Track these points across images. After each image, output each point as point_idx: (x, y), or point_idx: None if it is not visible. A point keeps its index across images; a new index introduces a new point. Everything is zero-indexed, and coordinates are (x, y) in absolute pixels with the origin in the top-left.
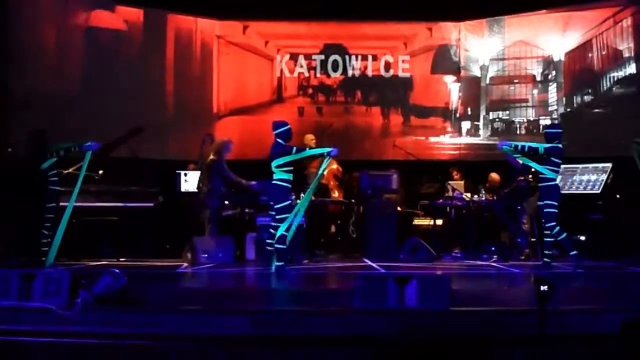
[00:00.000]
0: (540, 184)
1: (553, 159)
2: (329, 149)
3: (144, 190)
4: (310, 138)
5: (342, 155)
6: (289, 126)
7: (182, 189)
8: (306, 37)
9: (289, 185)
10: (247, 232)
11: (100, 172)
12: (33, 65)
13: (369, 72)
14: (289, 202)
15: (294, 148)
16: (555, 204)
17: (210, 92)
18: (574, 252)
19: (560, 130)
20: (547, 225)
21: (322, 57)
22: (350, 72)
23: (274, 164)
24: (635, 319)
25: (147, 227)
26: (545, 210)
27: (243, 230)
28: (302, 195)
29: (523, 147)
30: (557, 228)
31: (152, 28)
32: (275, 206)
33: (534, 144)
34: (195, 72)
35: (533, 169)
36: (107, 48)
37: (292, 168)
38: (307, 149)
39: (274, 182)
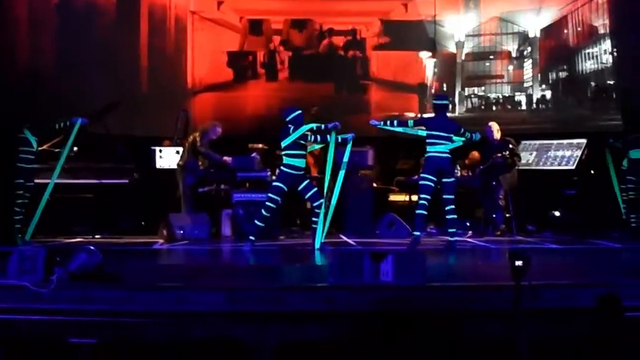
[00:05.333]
0: None
1: (429, 132)
2: (330, 124)
3: (119, 167)
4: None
5: None
6: (300, 111)
7: (158, 166)
8: (281, 12)
9: (293, 172)
10: (223, 208)
11: (75, 149)
12: (4, 40)
13: (344, 49)
14: (282, 185)
15: (292, 127)
16: (426, 176)
17: (184, 68)
18: (418, 233)
19: (443, 102)
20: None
21: (297, 32)
22: (325, 49)
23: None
24: (609, 294)
25: (123, 204)
26: (418, 182)
27: (219, 206)
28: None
29: (392, 122)
30: (423, 202)
31: (125, 3)
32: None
33: (404, 121)
34: (169, 48)
35: (511, 145)
36: (80, 24)
37: (301, 152)
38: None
39: (281, 167)
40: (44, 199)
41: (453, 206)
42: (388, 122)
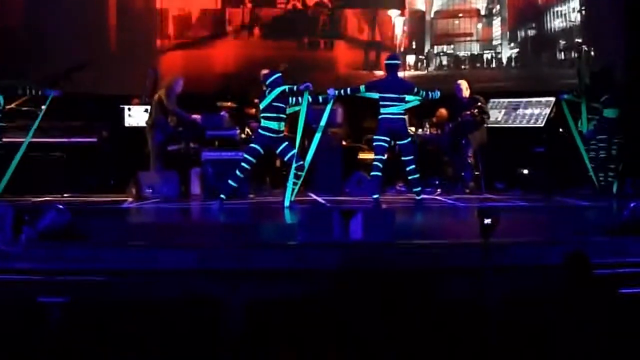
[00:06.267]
0: None
1: (381, 94)
2: (301, 85)
3: (87, 125)
4: (264, 72)
5: None
6: (278, 74)
7: (127, 124)
8: None
9: (270, 134)
10: (192, 167)
11: (43, 107)
12: None
13: (312, 7)
14: (258, 147)
15: (267, 89)
16: (378, 137)
17: (153, 26)
18: (376, 195)
19: (394, 62)
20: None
21: None
22: (295, 5)
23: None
24: (577, 251)
25: (92, 162)
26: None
27: (188, 165)
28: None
29: (345, 90)
30: (377, 164)
31: None
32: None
33: (356, 87)
34: (138, 5)
35: (479, 103)
36: None
37: (278, 115)
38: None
39: (258, 129)
40: (14, 162)
41: (414, 166)
42: (342, 91)
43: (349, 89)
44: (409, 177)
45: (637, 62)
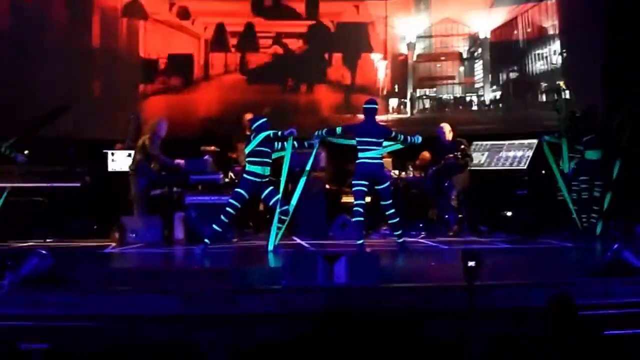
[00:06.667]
0: None
1: (358, 138)
2: (286, 131)
3: (70, 170)
4: (249, 117)
5: None
6: (264, 119)
7: (110, 169)
8: (233, 14)
9: (255, 179)
10: (175, 211)
11: (26, 152)
12: None
13: (295, 51)
14: (243, 191)
15: (253, 134)
16: (356, 182)
17: (137, 71)
18: (360, 241)
19: (372, 106)
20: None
21: (249, 34)
22: (277, 50)
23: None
24: (560, 294)
25: (75, 208)
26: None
27: (171, 209)
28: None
29: (322, 131)
30: (357, 209)
31: (77, 6)
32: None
33: (333, 128)
34: (121, 50)
35: (462, 146)
36: (32, 27)
37: (263, 160)
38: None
39: (243, 174)
40: None
41: (393, 210)
42: (318, 132)
43: (325, 130)
44: (389, 221)
45: (618, 104)
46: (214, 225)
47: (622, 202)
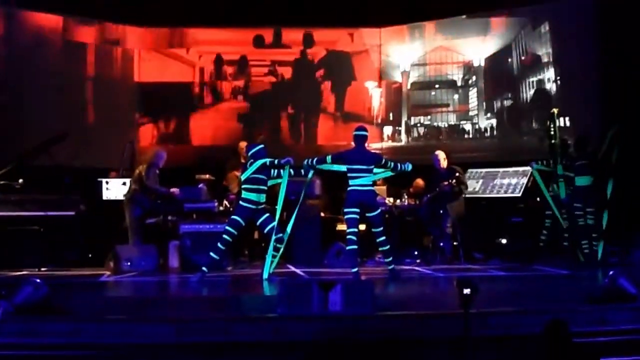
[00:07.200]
0: None
1: (349, 165)
2: (283, 159)
3: (65, 199)
4: (244, 145)
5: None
6: (261, 146)
7: (105, 197)
8: (227, 43)
9: (251, 206)
10: (170, 240)
11: (21, 180)
12: None
13: (290, 79)
14: (239, 219)
15: (249, 161)
16: (347, 210)
17: (132, 99)
18: (355, 269)
19: (362, 133)
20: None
21: (244, 63)
22: (272, 78)
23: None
24: (556, 320)
25: (69, 236)
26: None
27: (166, 238)
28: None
29: (312, 160)
30: (350, 237)
31: (72, 34)
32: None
33: (323, 157)
34: (116, 78)
35: (457, 174)
36: (26, 55)
37: (259, 187)
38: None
39: (239, 201)
40: None
41: (384, 237)
42: (309, 161)
43: (315, 159)
44: (380, 249)
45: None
46: (211, 253)
47: (618, 227)
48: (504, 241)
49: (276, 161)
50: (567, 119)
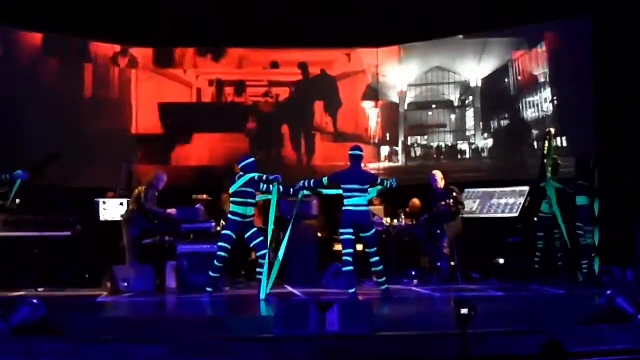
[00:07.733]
0: None
1: (344, 185)
2: (271, 176)
3: (61, 219)
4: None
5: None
6: (252, 159)
7: (102, 218)
8: (224, 64)
9: (238, 219)
10: (167, 260)
11: (17, 201)
12: None
13: (288, 100)
14: (230, 232)
15: (238, 174)
16: (343, 231)
17: (129, 119)
18: (352, 290)
19: (357, 153)
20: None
21: (240, 84)
22: (268, 99)
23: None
24: (553, 341)
25: (66, 257)
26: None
27: (163, 258)
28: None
29: (309, 182)
30: (347, 258)
31: (70, 54)
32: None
33: (319, 179)
34: (113, 99)
35: (454, 194)
36: (24, 75)
37: (247, 200)
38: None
39: (228, 215)
40: None
41: (377, 257)
42: (305, 183)
43: (312, 181)
44: (373, 269)
45: (608, 151)
46: (210, 272)
47: (612, 247)
48: (501, 261)
49: (265, 177)
50: (564, 138)
